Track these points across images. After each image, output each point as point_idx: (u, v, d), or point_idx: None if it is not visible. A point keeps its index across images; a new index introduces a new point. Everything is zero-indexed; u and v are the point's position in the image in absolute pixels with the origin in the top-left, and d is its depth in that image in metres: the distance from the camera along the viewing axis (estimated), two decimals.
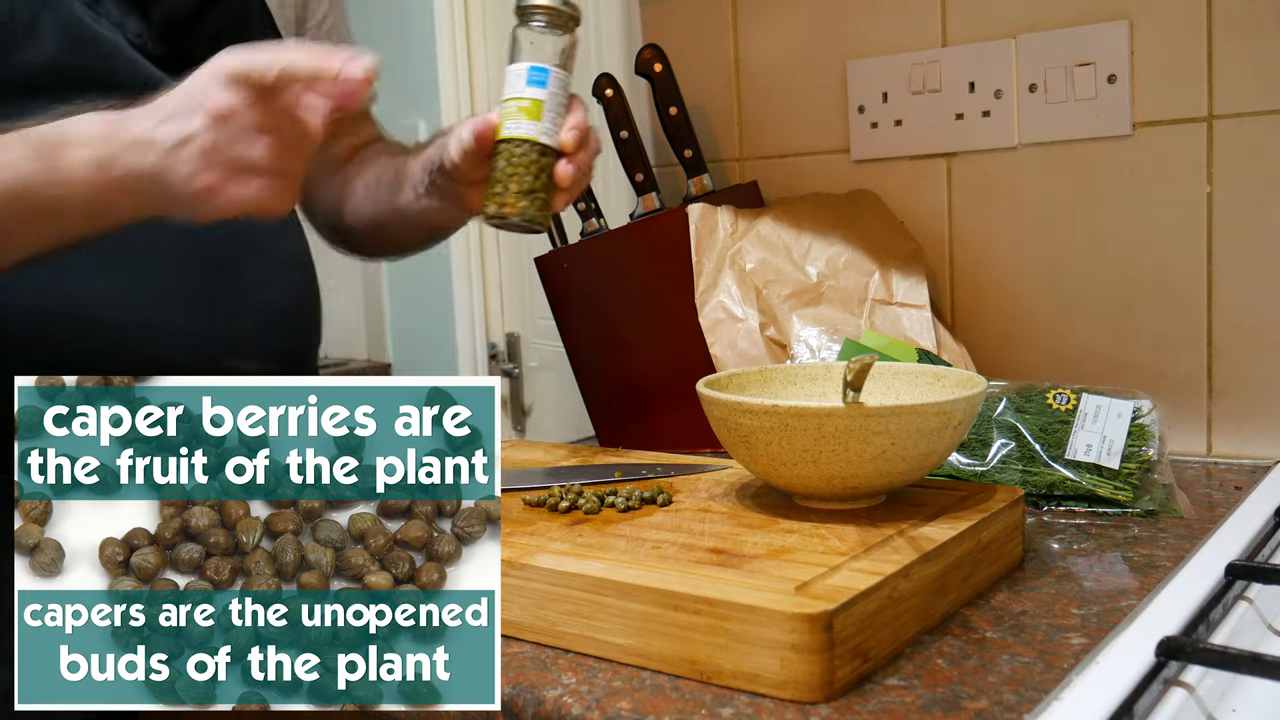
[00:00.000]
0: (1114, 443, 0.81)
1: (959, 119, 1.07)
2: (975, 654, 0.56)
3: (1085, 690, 0.50)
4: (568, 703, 0.53)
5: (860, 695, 0.52)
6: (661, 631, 0.55)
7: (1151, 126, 0.98)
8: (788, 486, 0.70)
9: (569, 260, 1.17)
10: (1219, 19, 0.94)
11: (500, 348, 2.00)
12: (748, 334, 1.01)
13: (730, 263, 1.05)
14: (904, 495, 0.71)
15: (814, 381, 0.79)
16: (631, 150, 1.14)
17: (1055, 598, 0.64)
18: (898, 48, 1.10)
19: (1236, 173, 0.95)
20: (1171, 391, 0.98)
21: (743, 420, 0.66)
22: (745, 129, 1.22)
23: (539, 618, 0.60)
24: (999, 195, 1.07)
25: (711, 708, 0.51)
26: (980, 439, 0.83)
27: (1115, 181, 1.00)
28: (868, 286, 1.03)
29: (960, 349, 1.02)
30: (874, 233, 1.08)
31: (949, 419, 0.65)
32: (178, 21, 0.85)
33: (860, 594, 0.53)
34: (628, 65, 1.20)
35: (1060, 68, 1.01)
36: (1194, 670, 0.51)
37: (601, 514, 0.71)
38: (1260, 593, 0.61)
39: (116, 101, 0.70)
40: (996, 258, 1.08)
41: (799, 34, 1.17)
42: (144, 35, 0.83)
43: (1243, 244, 0.95)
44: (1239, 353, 0.96)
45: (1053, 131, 1.03)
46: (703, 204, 1.09)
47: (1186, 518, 0.79)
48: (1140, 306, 1.00)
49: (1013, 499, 0.69)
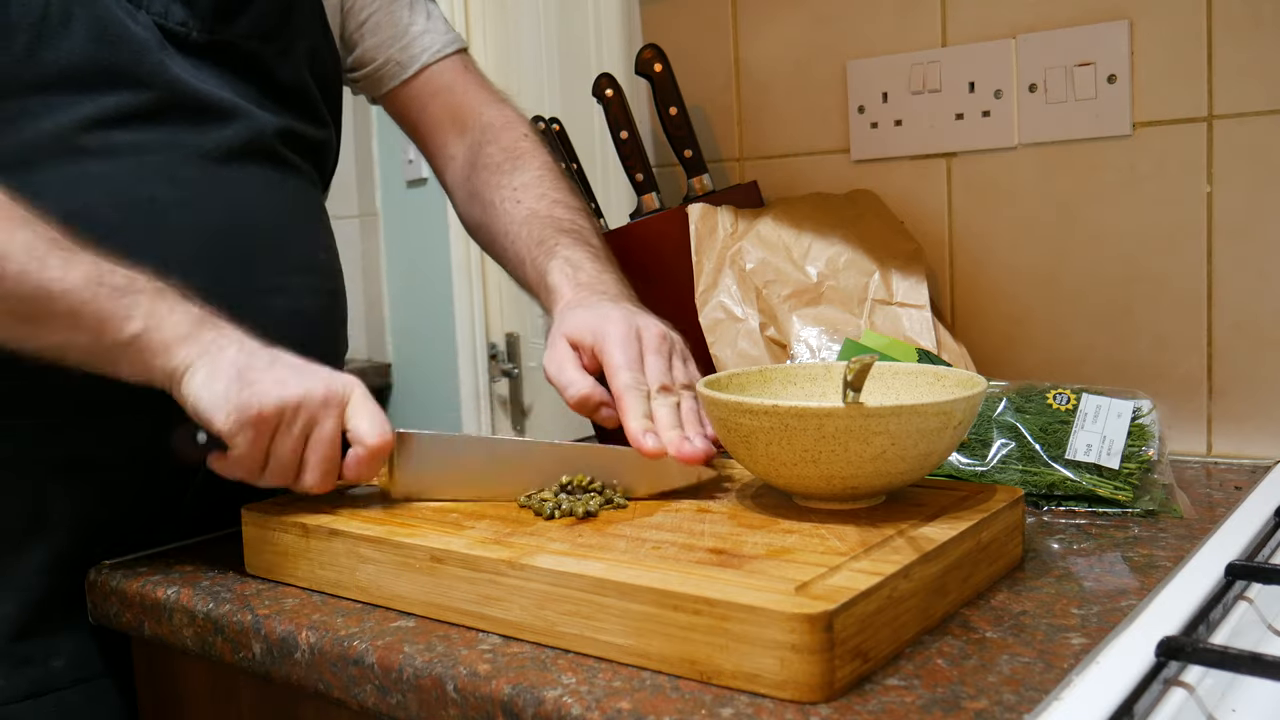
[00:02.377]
0: (1114, 443, 0.81)
1: (959, 119, 1.07)
2: (975, 654, 0.56)
3: (1085, 690, 0.50)
4: (568, 703, 0.53)
5: (860, 695, 0.52)
6: (661, 632, 0.55)
7: (1151, 126, 0.98)
8: (788, 487, 0.70)
9: None
10: (1219, 19, 0.94)
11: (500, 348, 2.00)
12: (748, 334, 1.01)
13: (730, 263, 1.05)
14: (904, 495, 0.71)
15: (814, 381, 0.79)
16: (631, 150, 1.14)
17: (1055, 598, 0.64)
18: (898, 48, 1.10)
19: (1236, 173, 0.95)
20: (1171, 391, 0.98)
21: (743, 420, 0.66)
22: (745, 129, 1.22)
23: (539, 618, 0.60)
24: (999, 195, 1.07)
25: (711, 708, 0.51)
26: (980, 439, 0.83)
27: (1115, 181, 1.00)
28: (868, 286, 1.03)
29: (960, 349, 1.02)
30: (874, 233, 1.08)
31: (949, 419, 0.65)
32: (222, 10, 0.85)
33: (860, 594, 0.53)
34: (628, 65, 1.20)
35: (1060, 68, 1.01)
36: (1194, 670, 0.51)
37: (602, 514, 0.71)
38: (1260, 593, 0.61)
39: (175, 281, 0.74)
40: (996, 258, 1.08)
41: (799, 34, 1.17)
42: (188, 24, 0.83)
43: (1243, 244, 0.95)
44: (1239, 353, 0.96)
45: (1053, 131, 1.03)
46: (703, 204, 1.09)
47: (1186, 518, 0.79)
48: (1140, 306, 1.00)
49: (1013, 499, 0.69)
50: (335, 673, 0.63)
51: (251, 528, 0.75)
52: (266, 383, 0.70)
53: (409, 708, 0.59)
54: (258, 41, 0.87)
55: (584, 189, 1.17)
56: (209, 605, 0.71)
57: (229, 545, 0.79)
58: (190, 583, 0.74)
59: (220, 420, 0.69)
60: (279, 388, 0.70)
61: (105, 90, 0.79)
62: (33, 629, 0.79)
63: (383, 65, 1.00)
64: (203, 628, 0.70)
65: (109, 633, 0.80)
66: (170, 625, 0.73)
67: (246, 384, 0.69)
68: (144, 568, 0.78)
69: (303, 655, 0.64)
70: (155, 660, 0.80)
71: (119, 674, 0.82)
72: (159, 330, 0.70)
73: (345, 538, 0.69)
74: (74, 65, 0.77)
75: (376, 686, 0.60)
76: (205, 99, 0.83)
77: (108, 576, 0.78)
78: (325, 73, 0.95)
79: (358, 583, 0.69)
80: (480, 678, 0.56)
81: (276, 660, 0.66)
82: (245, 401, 0.69)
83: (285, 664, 0.65)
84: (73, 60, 0.77)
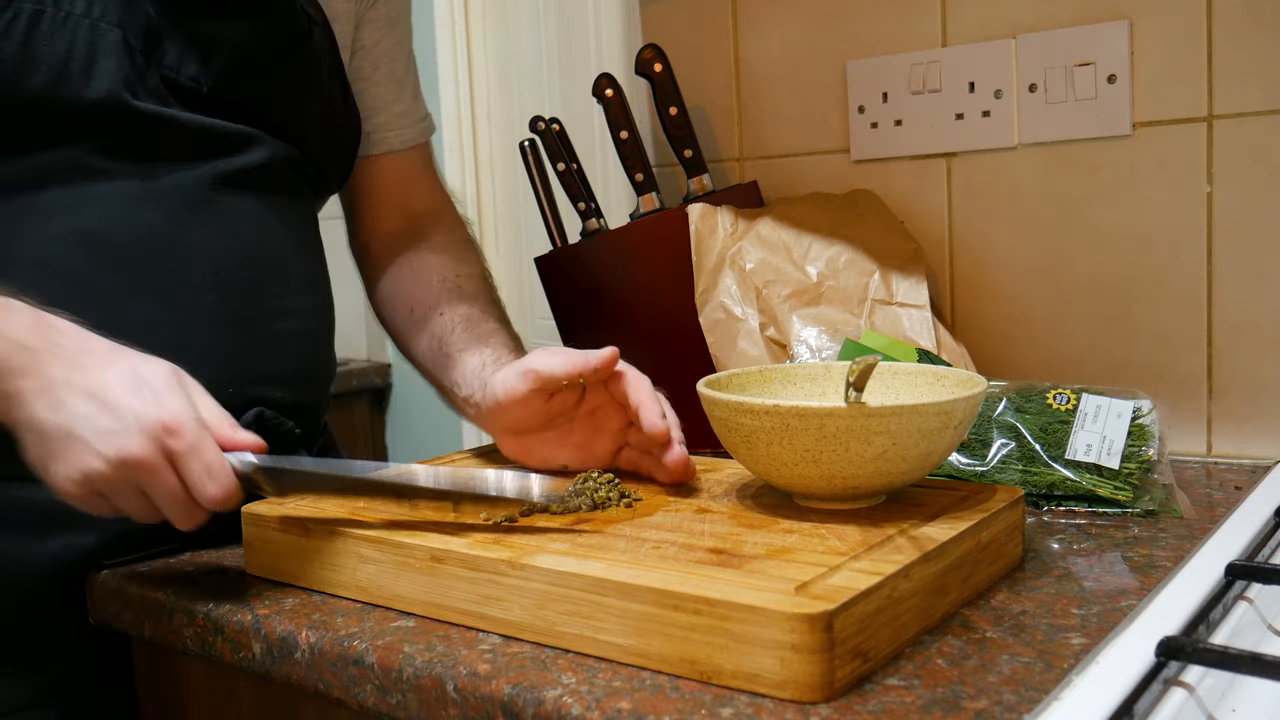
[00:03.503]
0: (1114, 443, 0.81)
1: (959, 119, 1.07)
2: (975, 654, 0.56)
3: (1085, 690, 0.50)
4: (568, 703, 0.53)
5: (860, 695, 0.52)
6: (661, 631, 0.55)
7: (1151, 126, 0.98)
8: (788, 486, 0.70)
9: (569, 260, 1.17)
10: (1219, 19, 0.94)
11: None
12: (748, 334, 1.01)
13: (730, 263, 1.05)
14: (904, 495, 0.71)
15: (814, 381, 0.79)
16: (631, 150, 1.14)
17: (1055, 598, 0.64)
18: (898, 48, 1.10)
19: (1236, 173, 0.95)
20: (1171, 391, 0.98)
21: (743, 420, 0.66)
22: (745, 129, 1.22)
23: (539, 618, 0.60)
24: (999, 195, 1.07)
25: (711, 708, 0.51)
26: (980, 439, 0.83)
27: (1115, 181, 1.00)
28: (868, 286, 1.03)
29: (960, 349, 1.02)
30: (874, 233, 1.08)
31: (950, 419, 0.65)
32: (235, 69, 0.85)
33: (860, 594, 0.53)
34: (628, 65, 1.20)
35: (1060, 68, 1.01)
36: (1194, 670, 0.51)
37: (601, 514, 0.71)
38: (1260, 593, 0.61)
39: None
40: (996, 258, 1.08)
41: (799, 34, 1.17)
42: (199, 80, 0.83)
43: (1243, 244, 0.95)
44: (1239, 353, 0.96)
45: (1053, 131, 1.03)
46: (703, 204, 1.09)
47: (1186, 518, 0.79)
48: (1140, 306, 1.00)
49: (1013, 499, 0.69)
50: (335, 673, 0.63)
51: (251, 528, 0.75)
52: (76, 451, 0.65)
53: (409, 708, 0.59)
54: (272, 107, 0.88)
55: (584, 189, 1.17)
56: (209, 605, 0.71)
57: (229, 545, 0.79)
58: (190, 583, 0.74)
59: (57, 490, 0.66)
60: (86, 458, 0.64)
61: (117, 125, 0.79)
62: (34, 633, 0.79)
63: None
64: (203, 628, 0.70)
65: (110, 634, 0.79)
66: (170, 625, 0.73)
67: (55, 455, 0.65)
68: (144, 568, 0.78)
69: (303, 655, 0.64)
70: (155, 660, 0.80)
71: (120, 675, 0.82)
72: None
73: (345, 538, 0.69)
74: (91, 103, 0.78)
75: (376, 686, 0.60)
76: (213, 128, 0.84)
77: (107, 577, 0.78)
78: (339, 134, 0.96)
79: (358, 583, 0.69)
80: (480, 678, 0.56)
81: (276, 660, 0.66)
82: (54, 483, 0.66)
83: (285, 664, 0.65)
84: (90, 99, 0.78)
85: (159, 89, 0.81)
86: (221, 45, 0.84)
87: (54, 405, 0.65)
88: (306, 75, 0.90)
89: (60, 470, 0.65)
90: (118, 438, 0.64)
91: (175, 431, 0.65)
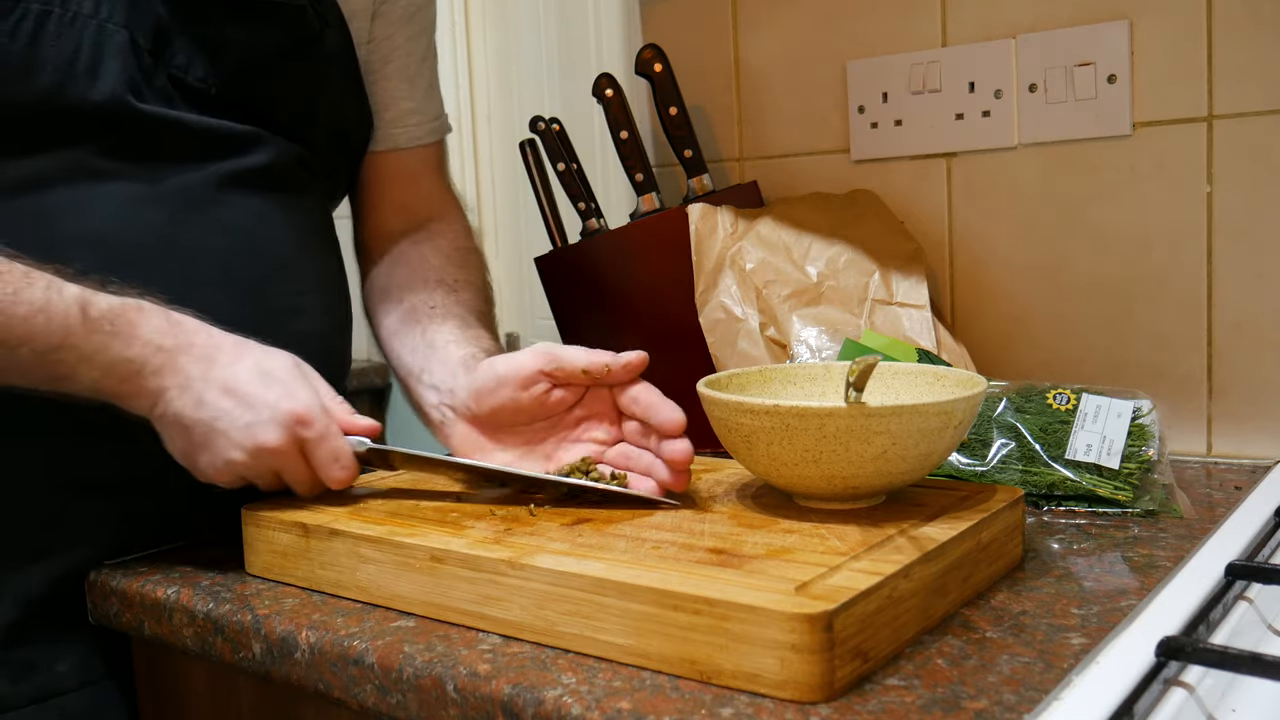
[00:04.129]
0: (1114, 443, 0.81)
1: (959, 119, 1.07)
2: (975, 654, 0.56)
3: (1085, 690, 0.50)
4: (568, 703, 0.53)
5: (860, 695, 0.52)
6: (661, 631, 0.55)
7: (1151, 126, 0.98)
8: (788, 486, 0.70)
9: (569, 260, 1.17)
10: (1219, 19, 0.94)
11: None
12: (748, 334, 1.01)
13: (730, 263, 1.05)
14: (904, 495, 0.71)
15: (814, 381, 0.79)
16: (631, 150, 1.14)
17: (1055, 598, 0.64)
18: (898, 48, 1.10)
19: (1236, 173, 0.95)
20: (1171, 391, 0.98)
21: (743, 420, 0.66)
22: (745, 129, 1.22)
23: (539, 618, 0.60)
24: (999, 195, 1.07)
25: (711, 708, 0.51)
26: (980, 439, 0.83)
27: (1115, 181, 1.00)
28: (868, 286, 1.03)
29: (960, 349, 1.02)
30: (874, 233, 1.08)
31: (950, 419, 0.65)
32: (244, 70, 0.85)
33: (860, 594, 0.53)
34: (628, 65, 1.20)
35: (1060, 68, 1.01)
36: (1194, 670, 0.51)
37: (602, 514, 0.71)
38: (1260, 593, 0.61)
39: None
40: (996, 258, 1.08)
41: (799, 34, 1.17)
42: (208, 81, 0.83)
43: (1243, 244, 0.95)
44: (1239, 353, 0.96)
45: (1053, 131, 1.03)
46: (703, 204, 1.09)
47: (1186, 518, 0.79)
48: (1140, 306, 1.00)
49: (1013, 499, 0.69)
50: (335, 673, 0.63)
51: (251, 528, 0.75)
52: (219, 444, 0.71)
53: (409, 708, 0.59)
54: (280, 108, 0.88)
55: (584, 189, 1.17)
56: (209, 605, 0.71)
57: (229, 545, 0.79)
58: (190, 583, 0.74)
59: (201, 478, 0.74)
60: (229, 450, 0.72)
61: (122, 126, 0.79)
62: (35, 634, 0.79)
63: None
64: (203, 628, 0.70)
65: (110, 634, 0.79)
66: (170, 625, 0.73)
67: (200, 448, 0.72)
68: (144, 568, 0.78)
69: (303, 655, 0.64)
70: (155, 660, 0.80)
71: (120, 676, 0.82)
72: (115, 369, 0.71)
73: (345, 538, 0.69)
74: (95, 105, 0.78)
75: (376, 686, 0.60)
76: (218, 129, 0.83)
77: (107, 577, 0.78)
78: (350, 135, 0.96)
79: (358, 583, 0.69)
80: (480, 678, 0.56)
81: (276, 660, 0.66)
82: (200, 471, 0.73)
83: (285, 664, 0.65)
84: (95, 101, 0.78)
85: (166, 89, 0.81)
86: (231, 46, 0.83)
87: (195, 403, 0.71)
88: (316, 76, 0.90)
89: (206, 460, 0.72)
90: (255, 430, 0.70)
91: (306, 422, 0.71)
